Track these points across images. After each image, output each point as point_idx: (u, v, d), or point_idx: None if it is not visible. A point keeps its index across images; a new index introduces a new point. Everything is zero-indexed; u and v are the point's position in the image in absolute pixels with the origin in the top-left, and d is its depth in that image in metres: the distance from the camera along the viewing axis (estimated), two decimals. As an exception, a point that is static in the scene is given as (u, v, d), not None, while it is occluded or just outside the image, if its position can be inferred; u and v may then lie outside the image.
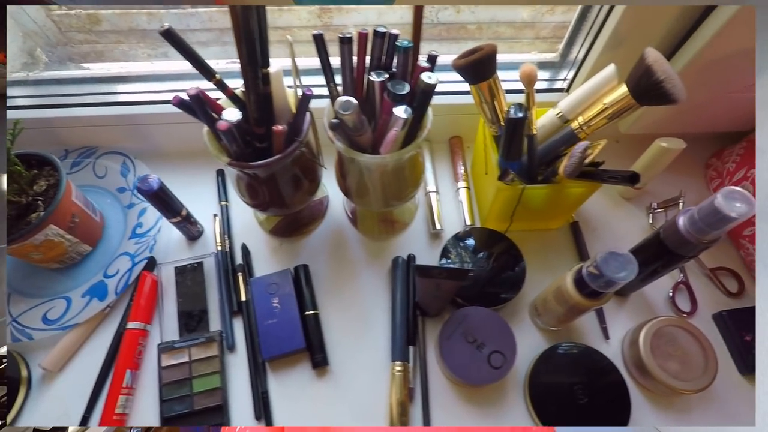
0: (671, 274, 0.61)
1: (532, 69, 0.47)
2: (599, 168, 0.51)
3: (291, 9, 0.77)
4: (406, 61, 0.45)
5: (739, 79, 0.56)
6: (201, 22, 0.75)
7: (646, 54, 0.46)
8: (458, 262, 0.57)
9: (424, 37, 0.80)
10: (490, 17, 0.77)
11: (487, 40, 0.78)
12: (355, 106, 0.39)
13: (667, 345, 0.52)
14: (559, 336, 0.57)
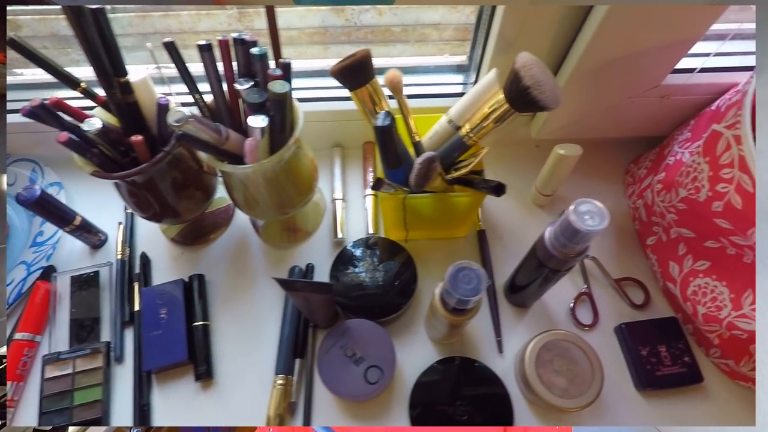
0: (575, 284, 0.59)
1: (395, 75, 0.45)
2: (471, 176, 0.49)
3: (210, 13, 0.76)
4: (264, 69, 0.44)
5: (634, 83, 0.54)
6: (122, 27, 0.75)
7: (516, 59, 0.45)
8: (348, 272, 0.56)
9: (351, 40, 0.79)
10: (414, 19, 0.75)
11: (414, 42, 0.76)
12: (185, 117, 0.38)
13: (555, 360, 0.51)
14: (453, 349, 0.55)
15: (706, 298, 0.48)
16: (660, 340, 0.53)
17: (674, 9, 0.43)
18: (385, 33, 0.76)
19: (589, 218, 0.38)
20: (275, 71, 0.43)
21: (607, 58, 0.49)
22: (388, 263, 0.57)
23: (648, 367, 0.52)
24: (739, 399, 0.52)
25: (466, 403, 0.50)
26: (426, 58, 0.72)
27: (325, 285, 0.47)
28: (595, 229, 0.38)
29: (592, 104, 0.57)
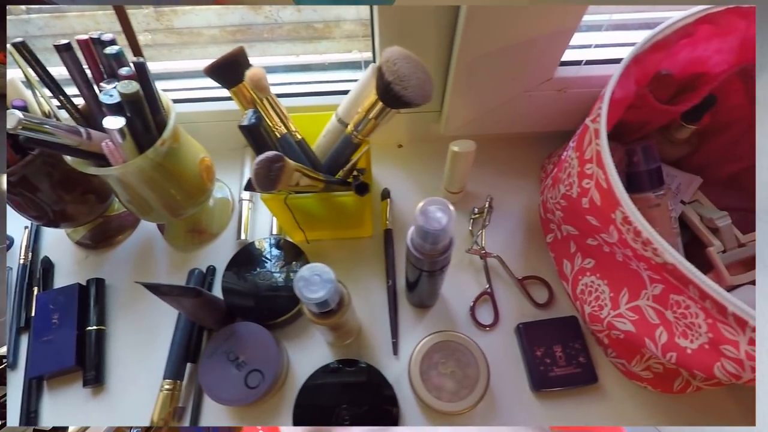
0: (480, 284, 0.57)
1: (256, 73, 0.44)
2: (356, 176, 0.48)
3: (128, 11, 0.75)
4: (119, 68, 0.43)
5: (525, 77, 0.52)
6: (39, 29, 0.74)
7: (382, 54, 0.43)
8: (244, 274, 0.55)
9: (274, 37, 0.77)
10: (335, 15, 0.74)
11: (339, 38, 0.75)
12: (19, 120, 0.37)
13: (443, 362, 0.49)
14: (349, 351, 0.54)
15: (591, 297, 0.47)
16: (556, 340, 0.52)
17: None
18: (307, 29, 0.75)
19: (437, 218, 0.37)
20: (126, 71, 0.41)
21: (486, 52, 0.47)
22: (285, 266, 0.56)
23: (541, 368, 0.51)
24: (634, 399, 0.50)
25: (350, 407, 0.49)
26: (345, 55, 0.71)
27: (193, 289, 0.46)
28: (439, 229, 0.36)
29: (488, 99, 0.55)
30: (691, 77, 0.50)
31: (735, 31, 0.45)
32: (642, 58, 0.42)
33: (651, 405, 0.50)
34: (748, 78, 0.48)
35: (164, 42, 0.76)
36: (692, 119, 0.51)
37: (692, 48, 0.47)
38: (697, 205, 0.55)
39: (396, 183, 0.66)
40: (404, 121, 0.65)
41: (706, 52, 0.48)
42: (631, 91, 0.44)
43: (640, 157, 0.50)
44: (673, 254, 0.34)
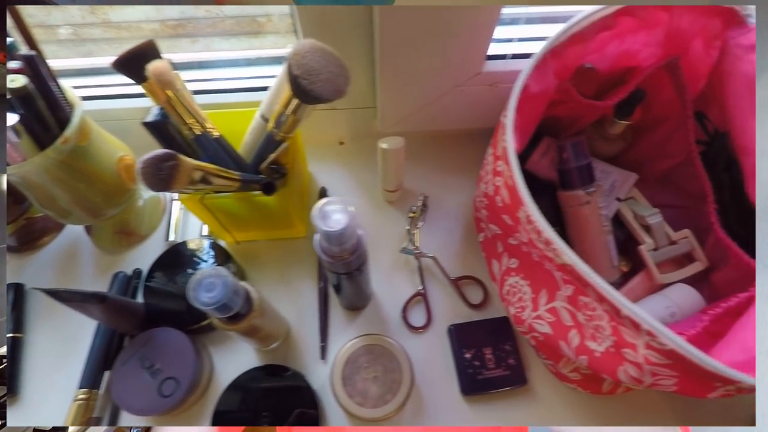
0: (413, 284, 0.56)
1: (157, 67, 0.42)
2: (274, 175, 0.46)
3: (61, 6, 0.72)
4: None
5: (453, 71, 0.51)
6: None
7: (292, 47, 0.41)
8: (166, 277, 0.53)
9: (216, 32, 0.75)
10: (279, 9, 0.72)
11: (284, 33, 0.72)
12: None
13: (367, 367, 0.48)
14: (277, 356, 0.53)
15: (515, 298, 0.46)
16: (487, 341, 0.51)
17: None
18: (252, 23, 0.73)
19: (335, 219, 0.35)
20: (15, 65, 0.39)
21: (407, 48, 0.46)
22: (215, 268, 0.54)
23: (470, 371, 0.49)
24: (564, 400, 0.49)
25: (271, 414, 0.47)
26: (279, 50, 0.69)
27: (96, 294, 0.44)
28: (339, 230, 0.35)
29: (420, 95, 0.54)
30: (622, 71, 0.49)
31: (659, 23, 0.44)
32: (560, 51, 0.41)
33: (581, 406, 0.49)
34: (675, 72, 0.47)
35: (102, 37, 0.73)
36: (623, 114, 0.50)
37: (620, 41, 0.46)
38: (632, 203, 0.53)
39: (336, 181, 0.64)
40: (345, 118, 0.63)
41: (634, 45, 0.47)
42: (551, 85, 0.43)
43: (570, 154, 0.49)
44: (570, 255, 0.32)
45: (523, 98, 0.40)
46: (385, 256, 0.58)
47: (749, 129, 0.41)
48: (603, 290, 0.31)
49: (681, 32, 0.44)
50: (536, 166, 0.54)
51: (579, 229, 0.51)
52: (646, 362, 0.31)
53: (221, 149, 0.49)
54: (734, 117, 0.42)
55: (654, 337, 0.29)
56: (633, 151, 0.54)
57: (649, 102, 0.50)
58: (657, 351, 0.30)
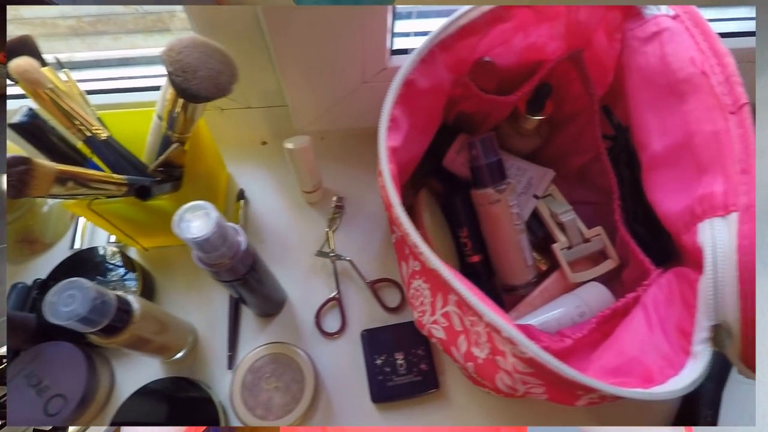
0: (330, 288, 0.54)
1: (19, 64, 0.39)
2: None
3: None
4: None
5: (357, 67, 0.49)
6: None
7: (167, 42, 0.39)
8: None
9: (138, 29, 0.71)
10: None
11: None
12: None
13: (270, 376, 0.46)
14: (182, 367, 0.50)
15: (417, 301, 0.44)
16: (400, 346, 0.49)
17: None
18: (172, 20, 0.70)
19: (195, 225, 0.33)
20: None
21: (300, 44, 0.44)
22: (116, 277, 0.51)
23: (380, 377, 0.48)
24: (479, 404, 0.48)
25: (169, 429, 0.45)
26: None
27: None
28: (203, 237, 0.33)
29: (328, 92, 0.52)
30: (532, 66, 0.48)
31: (557, 15, 0.42)
32: (449, 44, 0.39)
33: (495, 409, 0.48)
34: (580, 65, 0.46)
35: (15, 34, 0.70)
36: (534, 110, 0.49)
37: (524, 34, 0.44)
38: (549, 200, 0.52)
39: (257, 182, 0.62)
40: (263, 117, 0.61)
41: (540, 38, 0.45)
42: (446, 79, 0.41)
43: (479, 150, 0.47)
44: (432, 260, 0.31)
45: (410, 94, 0.38)
46: (303, 260, 0.56)
47: (645, 123, 0.40)
48: (465, 296, 0.30)
49: (581, 25, 0.43)
50: (452, 164, 0.52)
51: (491, 228, 0.49)
52: (515, 371, 0.30)
53: (111, 151, 0.46)
54: (632, 111, 0.41)
55: (515, 345, 0.28)
56: (550, 147, 0.53)
57: (561, 97, 0.49)
58: (520, 359, 0.29)
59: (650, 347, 0.30)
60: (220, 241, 0.35)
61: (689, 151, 0.35)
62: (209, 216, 0.33)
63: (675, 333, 0.31)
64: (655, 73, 0.38)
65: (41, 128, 0.41)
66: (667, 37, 0.38)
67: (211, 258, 0.36)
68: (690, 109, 0.36)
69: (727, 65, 0.34)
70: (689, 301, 0.31)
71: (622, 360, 0.30)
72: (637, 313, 0.34)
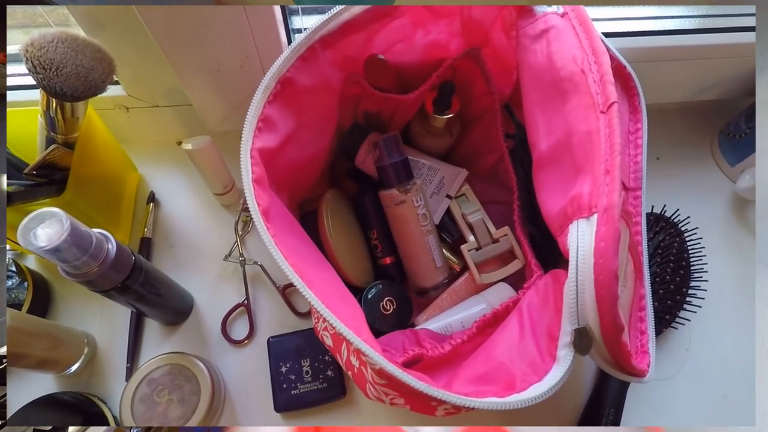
0: (240, 294, 0.52)
1: None
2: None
3: None
4: None
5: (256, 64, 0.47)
6: None
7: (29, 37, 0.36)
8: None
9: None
10: None
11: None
12: None
13: (162, 389, 0.44)
14: (79, 381, 0.48)
15: (314, 307, 0.43)
16: (306, 353, 0.48)
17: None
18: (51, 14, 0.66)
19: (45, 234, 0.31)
20: None
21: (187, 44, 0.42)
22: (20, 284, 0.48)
23: (284, 386, 0.46)
24: (385, 410, 0.47)
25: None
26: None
27: None
28: (48, 246, 0.30)
29: (232, 90, 0.50)
30: (435, 63, 0.47)
31: (452, 13, 0.42)
32: (332, 40, 0.37)
33: (401, 415, 0.47)
34: (480, 63, 0.45)
35: None
36: (440, 108, 0.48)
37: (425, 31, 0.43)
38: (462, 200, 0.51)
39: (170, 183, 0.59)
40: (174, 116, 0.58)
41: (441, 35, 0.44)
42: (333, 76, 0.40)
43: (383, 150, 0.46)
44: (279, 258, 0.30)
45: (290, 92, 0.36)
46: (213, 265, 0.54)
47: (534, 122, 0.39)
48: (313, 303, 0.28)
49: (475, 22, 0.42)
50: (363, 164, 0.51)
51: (399, 229, 0.48)
52: (374, 381, 0.29)
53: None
54: (525, 110, 0.41)
55: (366, 356, 0.27)
56: (462, 146, 0.52)
57: (468, 95, 0.49)
58: (374, 371, 0.27)
59: (518, 353, 0.30)
60: (77, 248, 0.32)
61: (569, 151, 0.35)
62: (61, 223, 0.31)
63: (545, 337, 0.30)
64: (543, 72, 0.38)
65: None
66: (554, 35, 0.37)
67: (74, 267, 0.34)
68: (571, 108, 0.35)
69: (602, 63, 0.33)
70: (558, 305, 0.30)
71: (489, 367, 0.29)
72: (512, 317, 0.33)
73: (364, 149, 0.50)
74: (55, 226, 0.31)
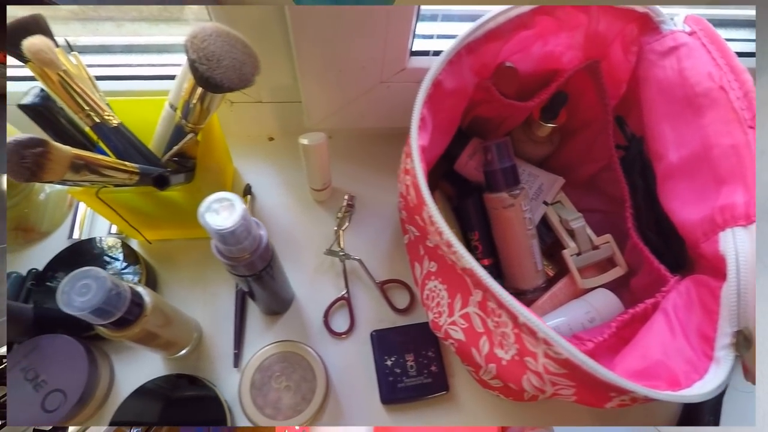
0: (338, 287, 0.53)
1: (34, 43, 0.38)
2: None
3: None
4: None
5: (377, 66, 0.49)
6: None
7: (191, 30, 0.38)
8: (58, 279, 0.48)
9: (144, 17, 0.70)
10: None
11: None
12: None
13: (280, 375, 0.45)
14: (187, 364, 0.49)
15: (433, 303, 0.44)
16: (410, 348, 0.49)
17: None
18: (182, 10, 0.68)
19: (223, 216, 0.32)
20: None
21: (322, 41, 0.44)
22: (118, 269, 0.49)
23: (390, 379, 0.47)
24: (486, 407, 0.48)
25: (173, 428, 0.43)
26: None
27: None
28: (227, 229, 0.32)
29: (344, 90, 0.52)
30: (547, 74, 0.49)
31: (578, 25, 0.43)
32: (475, 47, 0.39)
33: (503, 413, 0.48)
34: (596, 76, 0.47)
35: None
36: (548, 117, 0.50)
37: (543, 42, 0.45)
38: (558, 207, 0.53)
39: (263, 178, 0.61)
40: (272, 112, 0.60)
41: (558, 47, 0.46)
42: (469, 82, 0.42)
43: (494, 155, 0.48)
44: (467, 259, 0.31)
45: (437, 94, 0.38)
46: (311, 258, 0.55)
47: (660, 134, 0.41)
48: (500, 296, 0.30)
49: (600, 36, 0.44)
50: (464, 168, 0.52)
51: (504, 232, 0.50)
52: (546, 372, 0.30)
53: (122, 139, 0.45)
54: (648, 122, 0.42)
55: (550, 345, 0.28)
56: (560, 154, 0.54)
57: (575, 105, 0.50)
58: (554, 360, 0.29)
59: (674, 351, 0.31)
60: (245, 234, 0.34)
61: (707, 162, 0.36)
62: (235, 208, 0.32)
63: (697, 338, 0.32)
64: (673, 86, 0.40)
65: (51, 110, 0.39)
66: (685, 53, 0.39)
67: (232, 251, 0.36)
68: (708, 122, 0.37)
69: (745, 81, 0.35)
70: (710, 308, 0.32)
71: (647, 363, 0.31)
72: (658, 318, 0.34)
73: (466, 153, 0.52)
74: (230, 209, 0.32)
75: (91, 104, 0.42)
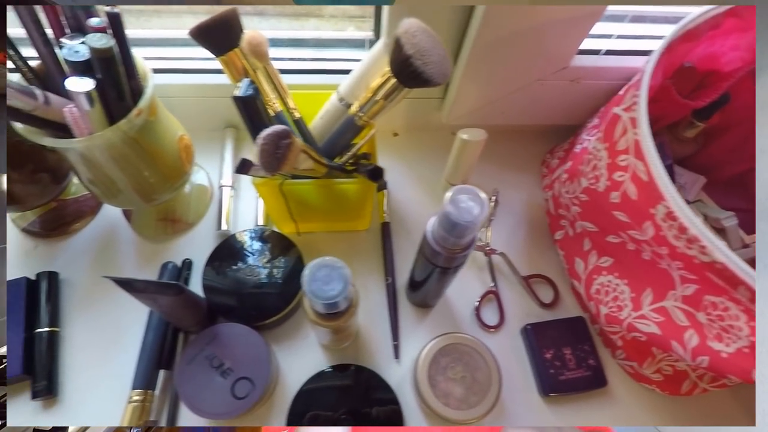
0: (483, 282, 0.54)
1: (255, 37, 0.38)
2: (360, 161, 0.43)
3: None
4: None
5: (540, 64, 0.49)
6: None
7: (400, 25, 0.39)
8: (226, 269, 0.49)
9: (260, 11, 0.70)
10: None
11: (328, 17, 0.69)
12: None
13: (452, 366, 0.46)
14: (346, 355, 0.50)
15: (608, 297, 0.45)
16: (566, 341, 0.50)
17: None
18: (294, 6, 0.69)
19: (468, 207, 0.33)
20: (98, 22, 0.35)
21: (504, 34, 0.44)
22: (274, 260, 0.50)
23: (551, 371, 0.48)
24: (640, 401, 0.49)
25: (350, 416, 0.44)
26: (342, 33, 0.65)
27: (174, 285, 0.40)
28: (469, 221, 0.33)
29: (499, 87, 0.52)
30: (705, 73, 0.50)
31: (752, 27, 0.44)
32: (672, 47, 0.40)
33: (656, 407, 0.49)
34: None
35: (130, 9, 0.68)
36: (703, 117, 0.50)
37: (709, 43, 0.46)
38: (700, 205, 0.54)
39: (392, 174, 0.61)
40: (402, 109, 0.61)
41: (721, 48, 0.47)
42: (657, 82, 0.42)
43: (655, 154, 0.48)
44: (726, 252, 0.32)
45: (645, 92, 0.39)
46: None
47: None
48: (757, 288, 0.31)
49: None
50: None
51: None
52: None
53: (300, 132, 0.45)
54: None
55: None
56: (702, 154, 0.55)
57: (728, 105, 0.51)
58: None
59: None
60: (473, 228, 0.35)
61: None
62: (480, 200, 0.33)
63: None
64: None
65: (257, 101, 0.40)
66: None
67: (448, 241, 0.36)
68: None
69: None
70: None
71: None
72: None
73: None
74: (477, 202, 0.33)
75: (282, 96, 0.43)
